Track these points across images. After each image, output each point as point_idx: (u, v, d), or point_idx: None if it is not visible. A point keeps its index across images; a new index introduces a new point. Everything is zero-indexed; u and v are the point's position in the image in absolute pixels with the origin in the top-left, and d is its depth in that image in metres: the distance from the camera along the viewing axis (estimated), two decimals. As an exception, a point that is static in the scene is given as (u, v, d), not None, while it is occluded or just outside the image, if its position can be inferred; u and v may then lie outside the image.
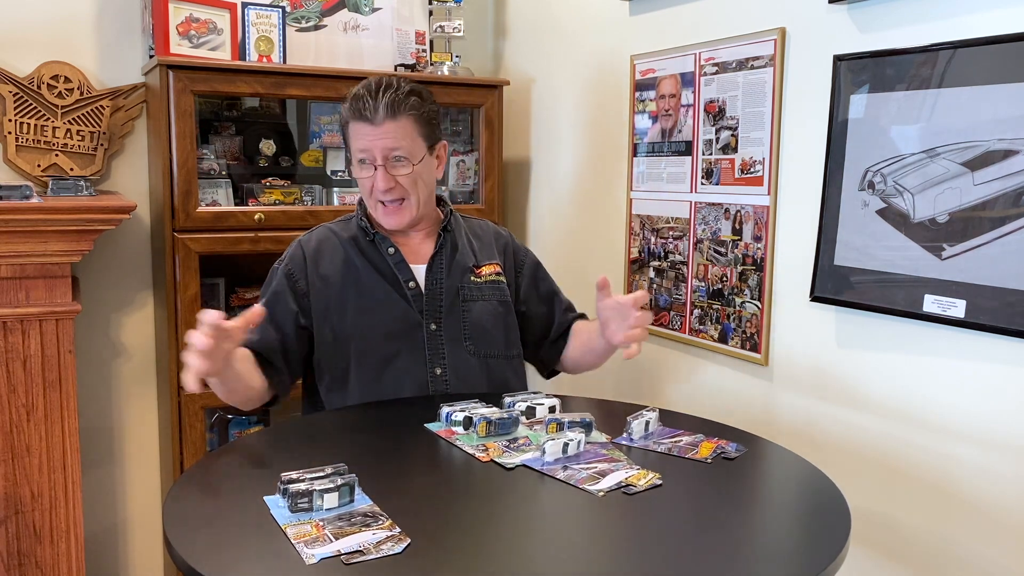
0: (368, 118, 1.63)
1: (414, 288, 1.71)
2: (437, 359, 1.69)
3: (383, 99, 1.62)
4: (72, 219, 1.92)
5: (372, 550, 1.00)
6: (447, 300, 1.72)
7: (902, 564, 1.66)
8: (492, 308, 1.76)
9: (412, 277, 1.72)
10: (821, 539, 1.09)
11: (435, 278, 1.73)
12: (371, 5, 2.56)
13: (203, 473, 1.28)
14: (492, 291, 1.78)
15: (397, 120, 1.63)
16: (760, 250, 1.91)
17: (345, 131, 1.70)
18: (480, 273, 1.78)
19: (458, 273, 1.75)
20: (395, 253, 1.73)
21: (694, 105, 2.06)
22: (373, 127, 1.63)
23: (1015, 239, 1.40)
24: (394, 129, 1.63)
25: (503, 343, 1.77)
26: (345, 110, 1.68)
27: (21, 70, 2.29)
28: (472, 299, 1.75)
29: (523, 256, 1.89)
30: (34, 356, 1.95)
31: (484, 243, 1.84)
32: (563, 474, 1.24)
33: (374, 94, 1.63)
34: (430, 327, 1.70)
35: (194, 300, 2.21)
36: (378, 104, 1.62)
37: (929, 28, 1.54)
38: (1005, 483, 1.48)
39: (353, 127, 1.66)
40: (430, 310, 1.71)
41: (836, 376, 1.76)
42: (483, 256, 1.81)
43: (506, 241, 1.89)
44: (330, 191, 2.54)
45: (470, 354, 1.72)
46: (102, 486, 2.52)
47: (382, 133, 1.63)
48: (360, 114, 1.63)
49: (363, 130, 1.64)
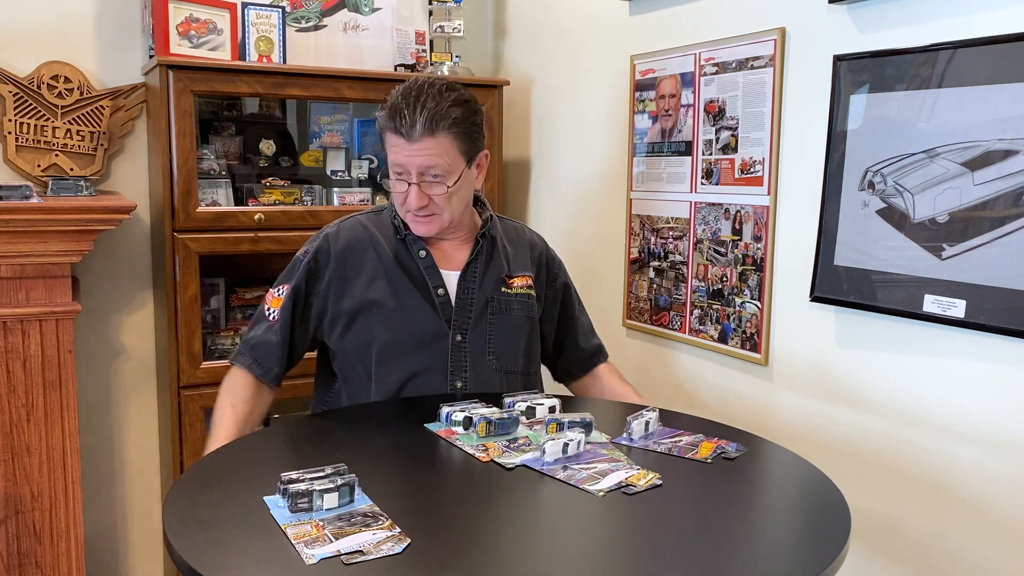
0: (404, 133, 1.53)
1: (443, 296, 1.65)
2: (459, 371, 1.64)
3: (421, 114, 1.51)
4: (72, 219, 1.92)
5: (372, 550, 1.00)
6: (476, 311, 1.66)
7: (902, 564, 1.66)
8: (519, 323, 1.71)
9: (442, 284, 1.65)
10: (821, 539, 1.09)
11: (467, 287, 1.67)
12: (371, 5, 2.56)
13: (203, 473, 1.28)
14: (521, 306, 1.71)
15: (436, 137, 1.53)
16: (760, 250, 1.91)
17: (382, 136, 1.61)
18: (512, 284, 1.71)
19: (490, 283, 1.69)
20: (426, 257, 1.66)
21: (694, 105, 2.06)
22: (409, 143, 1.53)
23: (1015, 239, 1.40)
24: (431, 146, 1.53)
25: (525, 361, 1.73)
26: (382, 118, 1.58)
27: (21, 70, 2.29)
28: (501, 312, 1.68)
29: (556, 270, 1.83)
30: (34, 356, 1.95)
31: (519, 251, 1.77)
32: (563, 474, 1.24)
33: (412, 106, 1.52)
34: (455, 338, 1.64)
35: (194, 300, 2.21)
36: (415, 119, 1.51)
37: (929, 28, 1.54)
38: (1005, 483, 1.48)
39: (389, 138, 1.57)
40: (458, 321, 1.65)
41: (836, 376, 1.76)
42: (516, 266, 1.74)
43: (541, 251, 1.81)
44: (330, 191, 2.54)
45: (492, 369, 1.67)
46: (102, 486, 2.51)
47: (418, 150, 1.53)
48: (398, 128, 1.53)
49: (399, 144, 1.55)
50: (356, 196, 2.53)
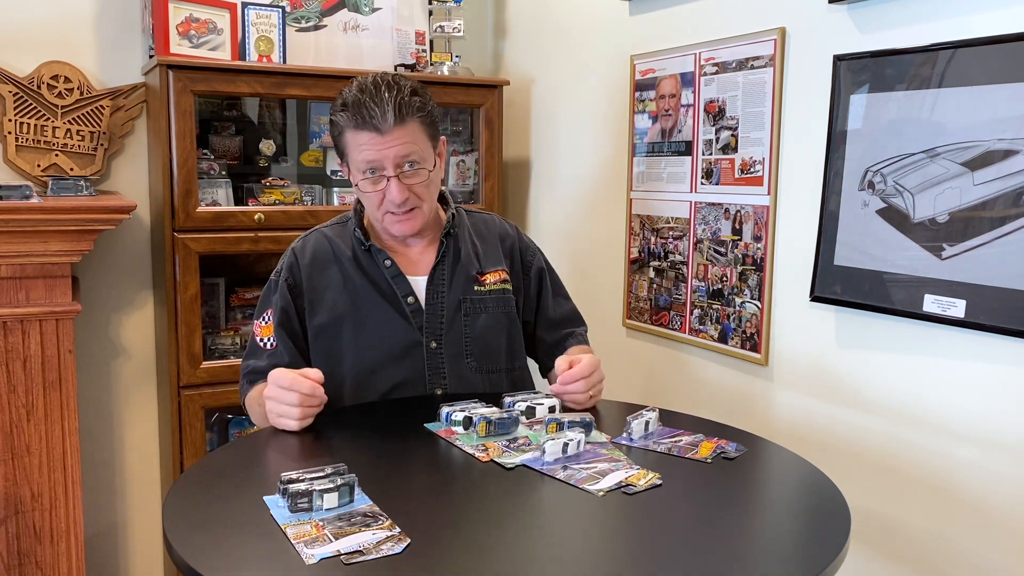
0: (375, 126, 1.47)
1: (413, 303, 1.61)
2: (438, 378, 1.61)
3: (390, 105, 1.46)
4: (72, 219, 1.92)
5: (372, 550, 1.00)
6: (448, 315, 1.62)
7: (902, 564, 1.66)
8: (496, 321, 1.66)
9: (411, 291, 1.61)
10: (821, 539, 1.09)
11: (436, 291, 1.63)
12: (371, 5, 2.56)
13: (203, 473, 1.28)
14: (496, 303, 1.67)
15: (406, 125, 1.49)
16: (760, 250, 1.91)
17: (340, 140, 1.55)
18: (484, 281, 1.66)
19: (460, 284, 1.64)
20: (391, 266, 1.61)
21: (694, 105, 2.06)
22: (381, 136, 1.48)
23: (1015, 239, 1.40)
24: (404, 134, 1.49)
25: (506, 356, 1.68)
26: (341, 118, 1.51)
27: (21, 70, 2.29)
28: (475, 312, 1.64)
29: (531, 257, 1.76)
30: (34, 356, 1.95)
31: (489, 245, 1.71)
32: (563, 474, 1.24)
33: (376, 98, 1.47)
34: (430, 345, 1.60)
35: (194, 300, 2.21)
36: (385, 109, 1.46)
37: (929, 28, 1.54)
38: (1005, 483, 1.48)
39: (353, 137, 1.51)
40: (430, 327, 1.61)
41: (836, 376, 1.76)
42: (488, 262, 1.69)
43: (513, 242, 1.75)
44: (330, 191, 2.54)
45: (472, 371, 1.63)
46: (102, 486, 2.52)
47: (392, 140, 1.48)
48: (364, 122, 1.48)
49: (369, 140, 1.49)
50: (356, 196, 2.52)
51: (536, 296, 1.77)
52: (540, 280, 1.78)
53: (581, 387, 1.50)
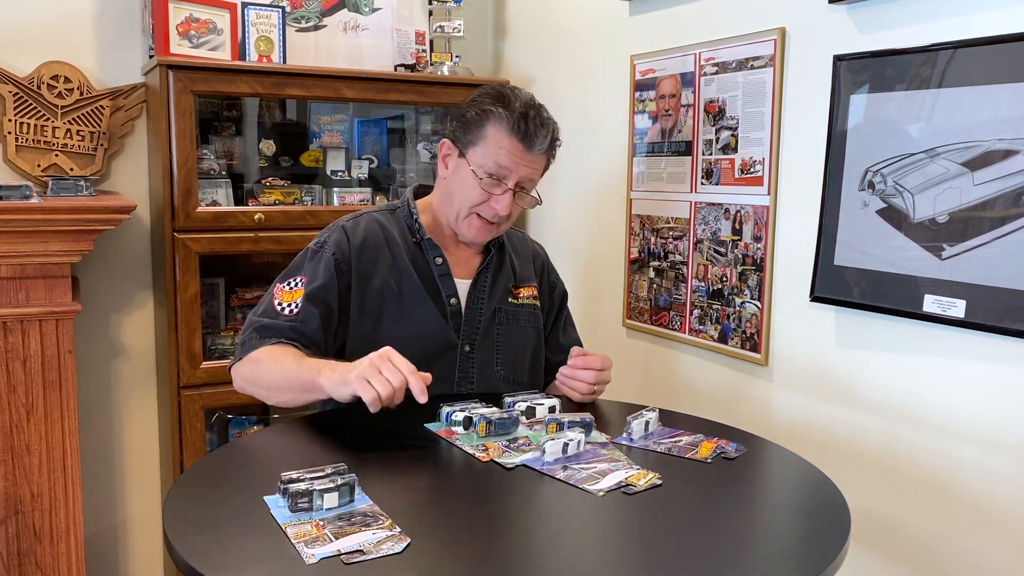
0: (530, 142, 1.58)
1: (455, 305, 1.65)
2: (466, 382, 1.65)
3: (547, 133, 1.60)
4: (72, 219, 1.92)
5: (372, 550, 1.00)
6: (484, 322, 1.67)
7: (902, 564, 1.66)
8: (525, 334, 1.73)
9: (455, 293, 1.65)
10: (821, 539, 1.09)
11: (477, 297, 1.68)
12: (371, 5, 2.56)
13: (203, 473, 1.28)
14: (527, 316, 1.73)
15: (545, 156, 1.64)
16: (760, 250, 1.91)
17: (480, 128, 1.59)
18: (518, 295, 1.73)
19: (499, 293, 1.70)
20: (442, 264, 1.65)
21: (694, 105, 2.06)
22: (528, 153, 1.59)
23: (1015, 239, 1.40)
24: (541, 162, 1.63)
25: (529, 371, 1.74)
26: (501, 113, 1.58)
27: (21, 70, 2.29)
28: (508, 322, 1.70)
29: (555, 280, 1.86)
30: (34, 356, 1.95)
31: (523, 261, 1.79)
32: (563, 474, 1.24)
33: (540, 120, 1.59)
34: (464, 348, 1.65)
35: (194, 300, 2.21)
36: (544, 135, 1.59)
37: (929, 28, 1.54)
38: (1005, 483, 1.48)
39: (502, 137, 1.57)
40: (467, 331, 1.66)
41: (836, 376, 1.77)
42: (523, 276, 1.76)
43: (543, 262, 1.85)
44: (330, 191, 2.54)
45: (499, 380, 1.68)
46: (102, 486, 2.52)
47: (532, 162, 1.60)
48: (524, 134, 1.57)
49: (516, 148, 1.58)
50: (356, 196, 2.53)
51: (554, 319, 1.85)
52: (561, 305, 1.86)
53: (590, 376, 1.58)
